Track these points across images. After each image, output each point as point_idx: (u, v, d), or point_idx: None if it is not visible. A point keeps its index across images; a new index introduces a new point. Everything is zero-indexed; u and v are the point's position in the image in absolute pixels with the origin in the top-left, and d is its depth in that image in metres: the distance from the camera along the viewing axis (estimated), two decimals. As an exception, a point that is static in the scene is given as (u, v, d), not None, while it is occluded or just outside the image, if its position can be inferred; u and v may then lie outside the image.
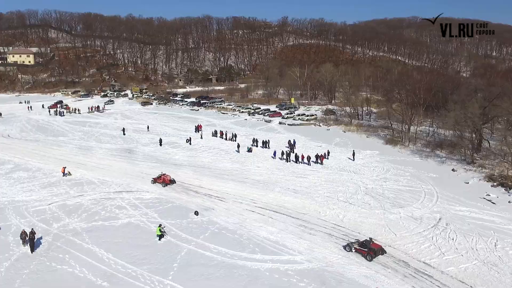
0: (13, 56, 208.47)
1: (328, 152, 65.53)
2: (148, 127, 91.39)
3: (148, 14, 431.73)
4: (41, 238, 37.41)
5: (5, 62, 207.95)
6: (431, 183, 53.61)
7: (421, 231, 39.16)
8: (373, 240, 35.36)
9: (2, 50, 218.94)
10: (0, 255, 34.73)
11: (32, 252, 35.21)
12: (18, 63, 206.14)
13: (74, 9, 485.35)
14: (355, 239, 36.33)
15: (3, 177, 56.63)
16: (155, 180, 53.82)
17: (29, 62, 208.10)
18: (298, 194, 48.84)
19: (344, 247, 35.69)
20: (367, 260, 33.66)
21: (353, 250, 34.88)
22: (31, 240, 35.55)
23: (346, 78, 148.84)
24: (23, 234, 36.48)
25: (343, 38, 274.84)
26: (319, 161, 61.77)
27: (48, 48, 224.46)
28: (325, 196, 47.82)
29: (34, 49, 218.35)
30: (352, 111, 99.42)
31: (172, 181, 53.56)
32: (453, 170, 59.35)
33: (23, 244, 36.28)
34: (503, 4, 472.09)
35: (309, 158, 61.80)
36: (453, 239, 37.48)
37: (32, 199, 48.02)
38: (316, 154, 63.08)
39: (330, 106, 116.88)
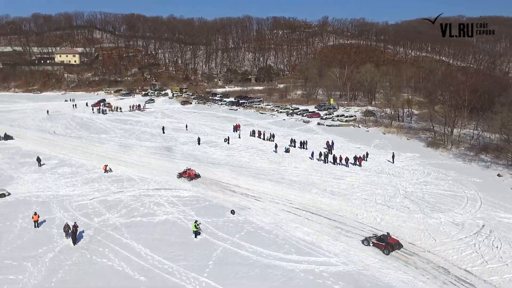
0: (60, 56, 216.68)
1: (367, 154, 64.54)
2: (186, 126, 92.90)
3: (189, 14, 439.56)
4: (83, 231, 38.65)
5: (53, 61, 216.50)
6: (474, 188, 51.74)
7: (463, 237, 37.87)
8: (390, 235, 35.92)
9: (50, 50, 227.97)
10: (45, 246, 36.19)
11: (74, 245, 36.44)
12: (65, 62, 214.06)
13: (118, 10, 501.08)
14: (373, 234, 37.35)
15: (49, 172, 58.96)
16: (180, 175, 55.66)
17: (75, 61, 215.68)
18: (335, 196, 48.30)
19: (362, 241, 36.49)
20: (385, 254, 34.51)
21: (371, 244, 35.73)
22: (73, 233, 36.79)
23: (387, 78, 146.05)
24: (66, 227, 37.86)
25: (385, 38, 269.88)
26: (357, 163, 60.91)
27: (93, 48, 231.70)
28: (362, 199, 47.09)
29: (80, 49, 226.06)
30: (393, 112, 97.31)
31: (197, 176, 55.29)
32: (498, 175, 57.11)
33: (66, 236, 37.66)
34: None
35: (347, 159, 61.00)
36: (497, 247, 36.04)
37: (75, 193, 49.74)
38: (354, 155, 62.25)
39: (369, 107, 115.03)
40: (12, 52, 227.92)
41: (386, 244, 34.89)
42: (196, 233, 37.70)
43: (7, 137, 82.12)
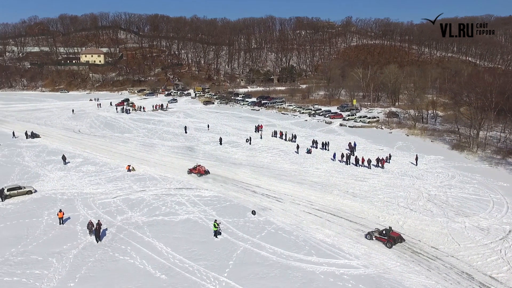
0: (85, 56, 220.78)
1: (390, 156, 63.72)
2: (208, 126, 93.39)
3: (212, 15, 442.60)
4: (106, 229, 39.29)
5: (78, 61, 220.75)
6: (501, 192, 50.47)
7: (488, 243, 37.00)
8: (392, 229, 37.19)
9: (76, 50, 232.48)
10: (69, 243, 36.95)
11: (97, 242, 37.06)
12: (90, 62, 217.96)
13: (142, 11, 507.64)
14: (375, 228, 38.59)
15: (74, 170, 60.15)
16: (191, 171, 57.61)
17: (100, 61, 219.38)
18: (357, 198, 47.85)
19: (365, 235, 37.72)
20: (387, 247, 35.70)
21: (374, 239, 37.03)
22: (97, 230, 37.40)
23: (411, 79, 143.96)
24: (89, 225, 38.55)
25: (409, 38, 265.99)
26: (379, 164, 60.19)
27: (117, 48, 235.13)
28: (384, 201, 46.51)
29: (105, 49, 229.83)
30: (417, 114, 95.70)
31: (207, 172, 57.13)
32: (526, 179, 55.68)
33: (89, 234, 38.34)
34: None
35: (369, 161, 60.32)
36: (524, 253, 35.15)
37: (98, 191, 50.60)
38: (377, 157, 61.48)
39: (393, 109, 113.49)
40: (39, 52, 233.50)
41: (389, 238, 36.13)
42: (216, 232, 37.86)
43: (34, 135, 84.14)
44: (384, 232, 36.87)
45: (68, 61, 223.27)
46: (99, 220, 38.64)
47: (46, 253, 34.93)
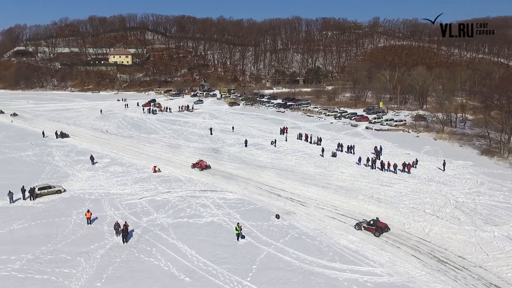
0: (114, 57, 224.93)
1: (416, 161, 62.69)
2: (233, 128, 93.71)
3: (239, 15, 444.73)
4: (132, 230, 39.96)
5: (106, 62, 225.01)
6: (532, 200, 49.03)
7: (518, 253, 35.98)
8: (379, 219, 40.26)
9: (104, 51, 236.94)
10: (96, 243, 37.78)
11: (124, 243, 37.76)
12: (118, 63, 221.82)
13: (170, 12, 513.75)
14: (363, 219, 41.36)
15: (101, 170, 61.42)
16: (194, 165, 62.14)
17: (127, 62, 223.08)
18: (382, 203, 47.29)
19: (355, 226, 40.64)
20: (375, 236, 38.70)
21: (362, 229, 39.89)
22: (123, 231, 38.11)
23: (440, 81, 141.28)
24: (116, 226, 39.34)
25: (438, 39, 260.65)
26: (406, 169, 59.28)
27: (145, 49, 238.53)
28: (410, 208, 45.78)
29: (132, 50, 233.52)
30: (445, 117, 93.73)
31: (208, 167, 61.77)
32: (560, 187, 53.92)
33: (116, 234, 39.12)
34: None
35: (395, 166, 59.47)
36: (556, 266, 34.06)
37: (125, 192, 51.53)
38: (403, 162, 60.55)
39: (420, 112, 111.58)
40: (69, 53, 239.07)
41: (376, 227, 39.11)
42: (239, 235, 38.03)
43: (63, 135, 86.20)
44: (372, 222, 39.68)
45: (97, 62, 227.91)
46: (126, 222, 39.39)
47: (75, 253, 35.80)
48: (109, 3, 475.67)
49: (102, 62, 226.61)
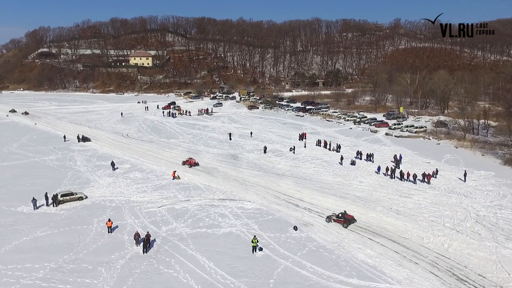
0: (134, 59, 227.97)
1: (437, 171, 61.87)
2: (251, 133, 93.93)
3: (258, 17, 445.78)
4: (154, 240, 40.49)
5: (127, 64, 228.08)
6: (559, 215, 47.75)
7: (542, 273, 35.14)
8: (346, 212, 45.14)
9: (125, 53, 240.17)
10: (117, 252, 38.44)
11: (143, 253, 38.33)
12: (138, 65, 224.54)
13: (190, 14, 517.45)
14: (332, 213, 46.14)
15: (122, 177, 62.40)
16: (184, 163, 68.27)
17: (148, 64, 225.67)
18: (401, 215, 46.91)
19: (326, 219, 45.18)
20: (344, 227, 43.33)
21: (332, 221, 44.61)
22: (144, 241, 38.67)
23: (462, 85, 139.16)
24: (136, 236, 39.97)
25: (461, 40, 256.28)
26: (426, 180, 58.61)
27: (165, 51, 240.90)
28: (429, 221, 45.29)
29: (153, 52, 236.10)
30: (467, 124, 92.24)
31: (196, 164, 68.05)
32: None
33: (136, 244, 39.75)
34: None
35: (415, 176, 58.86)
36: None
37: (145, 200, 52.26)
38: (423, 172, 59.84)
39: (441, 117, 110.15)
40: (91, 54, 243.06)
41: (344, 219, 43.84)
42: (255, 248, 38.24)
43: (85, 139, 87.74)
44: (340, 215, 44.48)
45: (118, 64, 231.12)
46: (148, 232, 40.01)
47: (96, 262, 36.50)
48: (131, 5, 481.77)
49: (123, 64, 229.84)
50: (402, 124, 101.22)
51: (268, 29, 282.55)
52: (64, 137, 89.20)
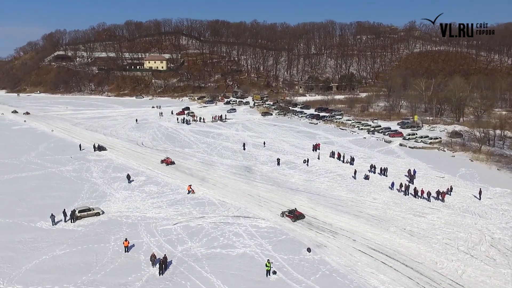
0: (149, 62, 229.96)
1: (451, 188, 61.43)
2: (264, 143, 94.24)
3: (272, 19, 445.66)
4: (170, 261, 41.09)
5: (142, 67, 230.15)
6: None
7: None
8: (296, 209, 52.96)
9: (140, 56, 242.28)
10: (133, 274, 39.20)
11: (160, 275, 38.99)
12: (153, 68, 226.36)
13: (204, 17, 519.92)
14: (287, 209, 53.72)
15: (137, 190, 63.31)
16: (162, 161, 78.23)
17: (162, 67, 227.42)
18: (414, 237, 46.88)
19: (280, 215, 52.73)
20: (292, 221, 50.89)
21: (285, 216, 52.04)
22: (161, 264, 39.30)
23: (478, 90, 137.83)
24: (152, 257, 40.68)
25: (477, 43, 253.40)
26: (440, 197, 58.38)
27: (179, 54, 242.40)
28: (443, 243, 45.19)
29: (167, 56, 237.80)
30: (482, 135, 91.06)
31: (172, 163, 77.47)
32: None
33: (152, 265, 40.46)
34: None
35: (429, 194, 58.70)
36: None
37: (160, 216, 53.00)
38: (437, 190, 59.52)
39: (457, 127, 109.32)
40: (106, 57, 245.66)
41: (294, 215, 51.53)
42: (269, 271, 38.64)
43: (101, 148, 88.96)
44: (291, 211, 52.49)
45: (133, 67, 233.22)
46: (165, 254, 40.68)
47: (113, 284, 37.29)
48: (145, 8, 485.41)
49: (138, 67, 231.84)
50: (416, 134, 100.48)
51: (282, 32, 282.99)
52: (80, 146, 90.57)
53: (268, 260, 39.76)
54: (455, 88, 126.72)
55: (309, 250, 43.50)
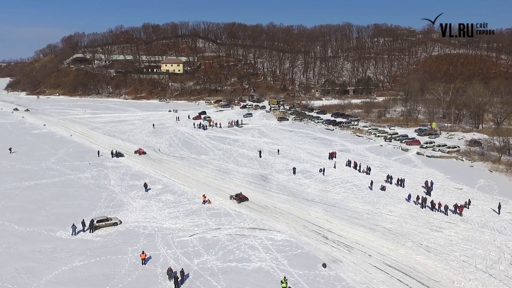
0: (166, 65, 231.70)
1: (469, 202, 60.57)
2: (278, 151, 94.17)
3: (289, 22, 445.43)
4: (187, 275, 41.43)
5: (159, 70, 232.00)
6: None
7: None
8: (241, 193, 63.34)
9: (157, 59, 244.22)
10: (150, 287, 39.54)
11: (176, 290, 39.42)
12: (169, 71, 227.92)
13: (220, 20, 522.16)
14: (235, 193, 63.83)
15: (154, 199, 63.97)
16: (135, 152, 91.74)
17: (179, 70, 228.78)
18: (431, 253, 46.43)
19: (230, 197, 63.04)
20: (237, 203, 61.08)
21: (232, 199, 61.77)
22: (175, 278, 39.66)
23: (498, 95, 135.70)
24: (169, 271, 41.11)
25: (497, 46, 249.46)
26: (458, 211, 57.66)
27: (196, 57, 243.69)
28: (461, 260, 44.67)
29: (184, 59, 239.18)
30: (502, 144, 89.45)
31: (144, 153, 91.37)
32: None
33: (168, 279, 40.87)
34: None
35: (446, 207, 58.05)
36: None
37: (177, 227, 53.45)
38: (455, 203, 58.74)
39: (476, 134, 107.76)
40: (124, 60, 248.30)
41: (239, 198, 61.57)
42: (285, 288, 38.83)
43: (118, 154, 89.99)
44: (237, 194, 62.73)
45: (150, 70, 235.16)
46: (182, 269, 41.04)
47: (130, 299, 37.81)
48: (163, 11, 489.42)
49: (155, 70, 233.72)
50: (434, 142, 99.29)
51: (299, 34, 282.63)
52: (98, 152, 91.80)
53: (284, 277, 39.83)
54: (474, 94, 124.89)
55: (324, 265, 43.47)
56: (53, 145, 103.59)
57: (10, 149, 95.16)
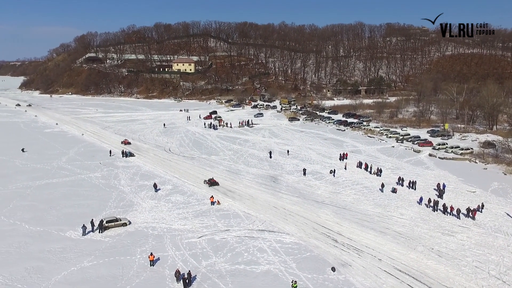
0: (177, 65, 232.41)
1: (482, 205, 59.57)
2: (288, 152, 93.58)
3: (301, 21, 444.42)
4: (194, 277, 41.25)
5: (170, 69, 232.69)
6: None
7: None
8: (213, 177, 70.52)
9: (168, 58, 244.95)
10: (158, 291, 39.52)
11: (184, 292, 39.26)
12: (181, 71, 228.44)
13: (232, 19, 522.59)
14: (208, 178, 70.92)
15: (164, 200, 63.94)
16: (122, 142, 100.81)
17: (190, 70, 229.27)
18: (443, 258, 45.65)
19: (203, 182, 69.84)
20: (208, 186, 68.41)
21: (205, 183, 69.39)
22: (184, 280, 39.53)
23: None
24: (177, 273, 40.97)
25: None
26: (470, 215, 56.71)
27: (207, 57, 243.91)
28: (473, 266, 43.84)
29: (195, 58, 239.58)
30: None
31: (129, 143, 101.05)
32: None
33: (176, 281, 40.75)
34: None
35: (459, 211, 57.12)
36: None
37: (186, 228, 53.31)
38: (467, 207, 57.79)
39: (489, 136, 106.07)
40: (135, 60, 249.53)
41: (210, 182, 69.04)
42: (296, 294, 38.42)
43: (128, 154, 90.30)
44: (209, 180, 69.78)
45: (161, 69, 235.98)
46: (189, 271, 40.85)
47: (138, 301, 37.73)
48: (174, 10, 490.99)
49: (166, 69, 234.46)
50: (447, 144, 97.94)
51: (310, 34, 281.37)
52: (110, 152, 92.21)
53: (295, 281, 39.37)
54: (488, 94, 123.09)
55: (333, 269, 42.98)
56: (64, 144, 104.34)
57: (22, 149, 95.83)
